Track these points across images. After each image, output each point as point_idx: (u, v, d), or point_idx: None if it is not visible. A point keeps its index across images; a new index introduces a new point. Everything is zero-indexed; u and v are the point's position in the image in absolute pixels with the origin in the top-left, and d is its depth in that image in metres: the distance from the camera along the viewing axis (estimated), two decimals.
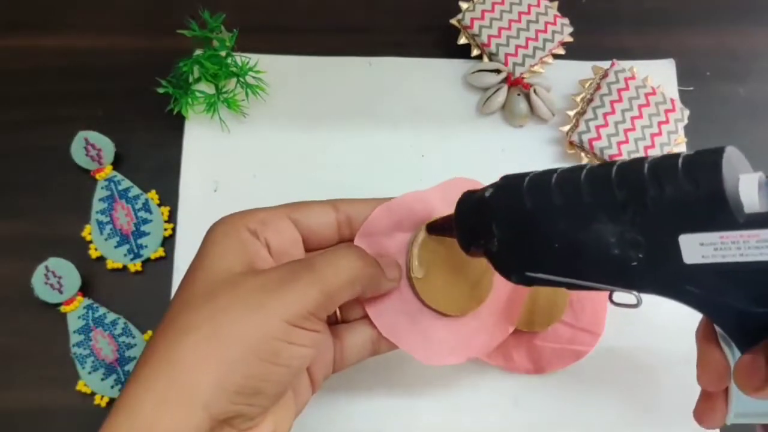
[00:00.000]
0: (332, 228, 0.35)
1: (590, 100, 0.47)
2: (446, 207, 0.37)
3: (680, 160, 0.24)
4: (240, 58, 0.47)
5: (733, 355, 0.27)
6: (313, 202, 0.35)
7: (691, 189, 0.23)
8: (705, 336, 0.29)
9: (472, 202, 0.32)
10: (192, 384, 0.27)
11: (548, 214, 0.28)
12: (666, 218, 0.24)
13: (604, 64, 0.48)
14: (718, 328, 0.27)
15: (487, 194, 0.30)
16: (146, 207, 0.46)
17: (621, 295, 0.28)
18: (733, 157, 0.24)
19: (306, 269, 0.30)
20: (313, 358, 0.31)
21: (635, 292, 0.27)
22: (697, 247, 0.24)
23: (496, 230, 0.30)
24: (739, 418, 0.29)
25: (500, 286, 0.37)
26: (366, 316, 0.36)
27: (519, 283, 0.30)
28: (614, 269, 0.27)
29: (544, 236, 0.28)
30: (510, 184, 0.30)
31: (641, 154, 0.45)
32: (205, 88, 0.47)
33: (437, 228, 0.35)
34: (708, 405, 0.30)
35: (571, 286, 0.29)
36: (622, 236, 0.26)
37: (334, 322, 0.36)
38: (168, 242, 0.46)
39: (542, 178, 0.28)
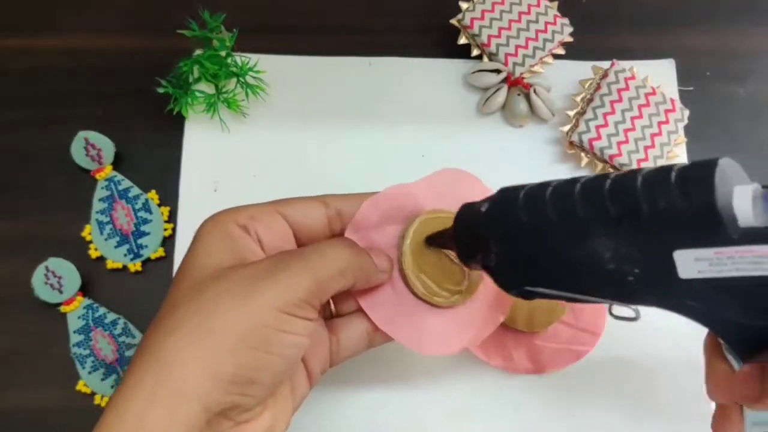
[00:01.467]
0: (322, 223, 0.35)
1: (590, 100, 0.47)
2: (434, 199, 0.37)
3: (673, 174, 0.23)
4: (240, 58, 0.47)
5: (739, 367, 0.27)
6: (302, 197, 0.35)
7: (683, 204, 0.23)
8: (711, 348, 0.29)
9: (469, 216, 0.32)
10: (181, 378, 0.27)
11: (544, 229, 0.27)
12: (660, 233, 0.24)
13: (604, 64, 0.48)
14: (721, 340, 0.27)
15: (483, 209, 0.30)
16: (146, 207, 0.46)
17: (620, 308, 0.28)
18: (728, 169, 0.23)
19: (295, 258, 0.30)
20: (308, 348, 0.31)
21: (633, 306, 0.27)
22: (693, 263, 0.23)
23: (493, 245, 0.30)
24: (756, 428, 0.28)
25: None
26: (360, 309, 0.36)
27: (518, 297, 0.30)
28: (611, 284, 0.26)
29: (541, 251, 0.28)
30: (506, 197, 0.29)
31: (641, 154, 0.45)
32: (205, 88, 0.47)
33: (436, 241, 0.35)
34: (724, 417, 0.30)
35: (570, 300, 0.28)
36: (617, 251, 0.25)
37: (329, 317, 0.36)
38: (168, 242, 0.46)
39: (538, 191, 0.28)
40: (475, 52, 0.49)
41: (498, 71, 0.48)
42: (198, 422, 0.27)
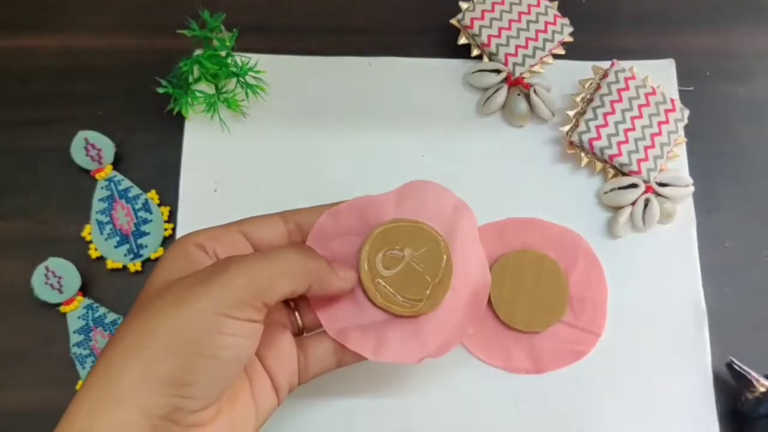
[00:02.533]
0: (283, 238, 0.35)
1: (590, 100, 0.47)
2: (399, 210, 0.37)
3: None
4: (240, 58, 0.47)
5: None
6: (262, 216, 0.35)
7: None
8: None
9: None
10: (118, 385, 0.28)
11: None
12: None
13: (604, 64, 0.48)
14: None
15: None
16: (146, 207, 0.46)
17: None
18: None
19: (236, 261, 0.30)
20: (252, 351, 0.31)
21: None
22: None
23: None
24: None
25: (460, 287, 0.37)
26: None
27: None
28: None
29: None
30: None
31: (641, 154, 0.45)
32: (205, 88, 0.47)
33: None
34: None
35: None
36: None
37: (297, 333, 0.36)
38: (168, 242, 0.46)
39: None
40: (475, 52, 0.49)
41: (498, 71, 0.48)
42: (141, 428, 0.28)
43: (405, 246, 0.36)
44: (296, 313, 0.37)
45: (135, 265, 0.45)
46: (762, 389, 0.42)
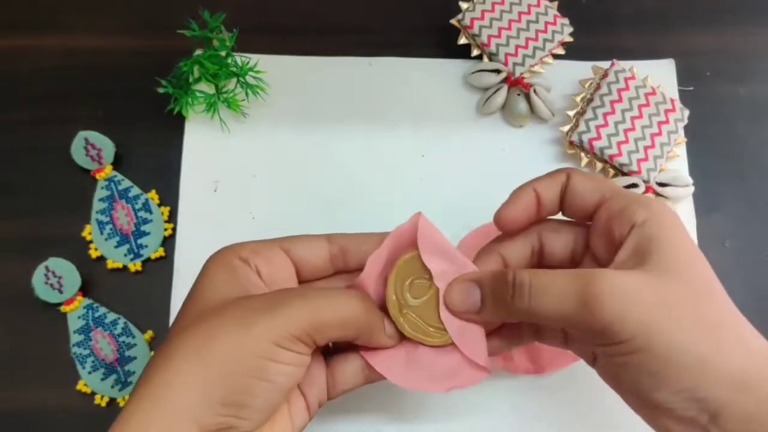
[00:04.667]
0: (325, 259, 0.35)
1: (590, 100, 0.47)
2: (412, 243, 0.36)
3: None
4: (240, 58, 0.47)
5: None
6: (306, 235, 0.36)
7: None
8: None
9: None
10: (178, 401, 0.28)
11: None
12: None
13: (604, 64, 0.48)
14: None
15: None
16: (146, 207, 0.46)
17: None
18: None
19: (298, 296, 0.31)
20: (300, 378, 0.32)
21: None
22: None
23: None
24: None
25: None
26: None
27: None
28: None
29: None
30: None
31: (641, 154, 0.45)
32: (205, 88, 0.47)
33: None
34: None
35: None
36: None
37: (325, 349, 0.36)
38: (168, 242, 0.46)
39: None
40: (475, 52, 0.49)
41: (498, 71, 0.48)
42: None
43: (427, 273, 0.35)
44: None
45: (135, 265, 0.45)
46: None
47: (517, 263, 0.36)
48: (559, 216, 0.36)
